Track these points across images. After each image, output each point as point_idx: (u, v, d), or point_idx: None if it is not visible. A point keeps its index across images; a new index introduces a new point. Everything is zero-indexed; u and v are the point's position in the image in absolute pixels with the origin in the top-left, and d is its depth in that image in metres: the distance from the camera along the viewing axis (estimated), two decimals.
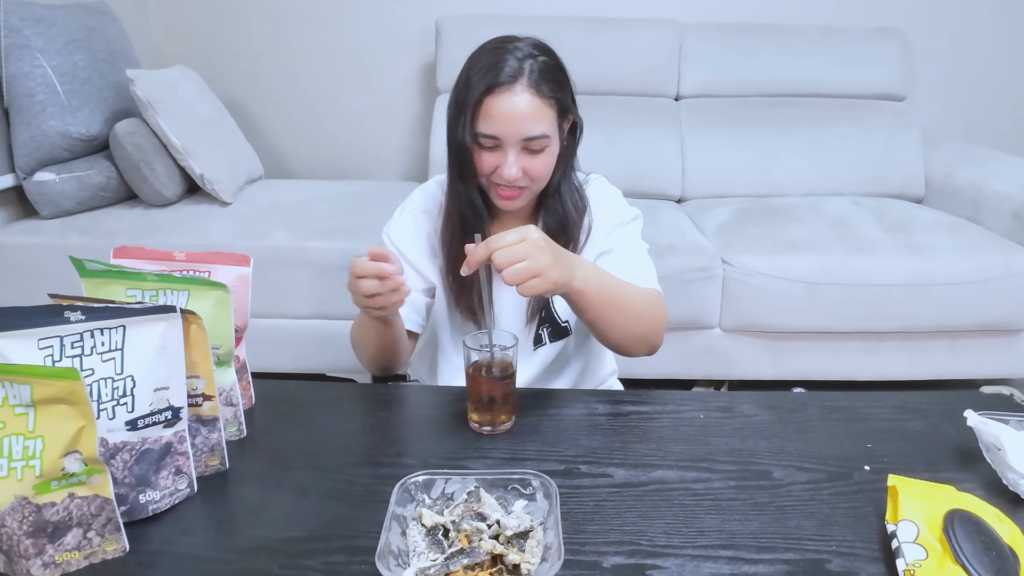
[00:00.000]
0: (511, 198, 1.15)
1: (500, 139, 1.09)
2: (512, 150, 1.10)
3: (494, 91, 1.07)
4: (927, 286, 2.14)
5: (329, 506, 0.85)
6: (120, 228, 2.21)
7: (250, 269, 1.00)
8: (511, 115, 1.08)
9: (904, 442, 1.00)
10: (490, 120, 1.08)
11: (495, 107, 1.07)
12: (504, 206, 1.17)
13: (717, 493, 0.88)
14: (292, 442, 0.99)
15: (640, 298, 1.13)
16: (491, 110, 1.08)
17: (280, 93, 3.06)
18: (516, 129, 1.09)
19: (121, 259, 0.96)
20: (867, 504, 0.85)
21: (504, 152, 1.10)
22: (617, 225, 1.25)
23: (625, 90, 2.81)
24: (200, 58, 2.93)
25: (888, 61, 2.85)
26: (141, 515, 0.82)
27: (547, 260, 0.93)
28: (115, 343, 0.78)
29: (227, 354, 0.94)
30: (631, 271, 1.18)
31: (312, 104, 3.07)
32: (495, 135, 1.09)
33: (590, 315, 1.07)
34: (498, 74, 1.07)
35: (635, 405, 1.09)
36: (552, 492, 0.79)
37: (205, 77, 2.71)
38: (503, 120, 1.08)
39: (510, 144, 1.10)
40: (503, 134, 1.09)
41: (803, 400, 1.13)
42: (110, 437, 0.79)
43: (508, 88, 1.07)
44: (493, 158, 1.11)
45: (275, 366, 2.23)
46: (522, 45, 1.11)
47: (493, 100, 1.07)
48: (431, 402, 1.13)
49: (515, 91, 1.08)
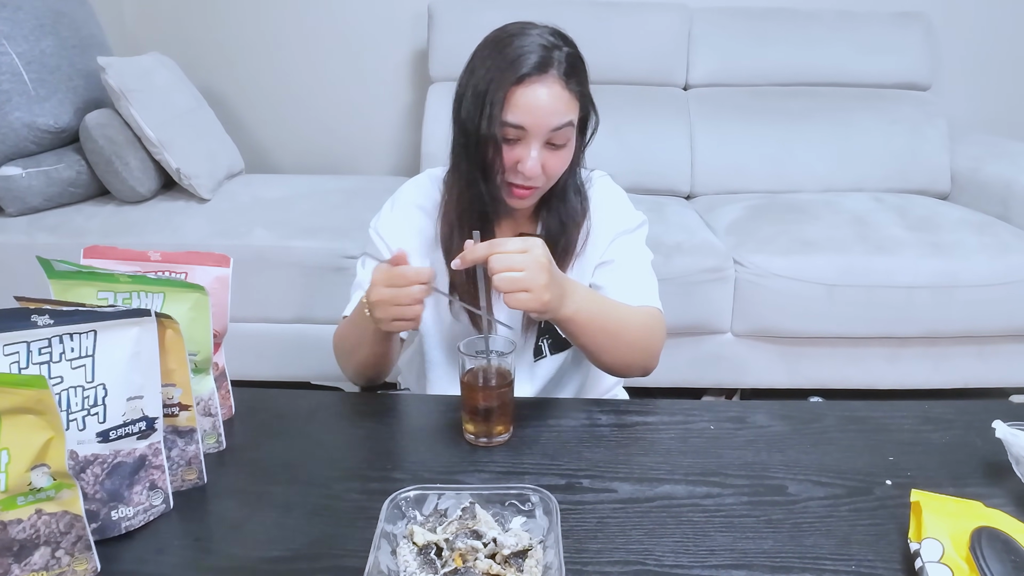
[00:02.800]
0: (525, 196, 1.16)
1: (526, 130, 1.09)
2: (536, 143, 1.11)
3: (525, 80, 1.07)
4: (953, 288, 2.15)
5: (314, 523, 0.85)
6: (91, 226, 2.21)
7: (230, 270, 1.00)
8: (541, 106, 1.08)
9: (928, 455, 1.00)
10: (519, 110, 1.08)
11: (525, 97, 1.08)
12: (516, 204, 1.18)
13: (729, 509, 0.88)
14: (275, 455, 0.99)
15: (636, 322, 1.15)
16: (520, 100, 1.08)
17: (262, 82, 3.06)
18: (545, 120, 1.09)
19: (92, 259, 0.96)
20: (889, 521, 0.85)
21: (527, 145, 1.11)
22: (620, 233, 1.26)
23: (630, 79, 2.81)
24: (177, 44, 2.93)
25: (911, 48, 2.86)
26: (113, 533, 0.82)
27: (543, 280, 0.96)
28: (85, 349, 0.78)
29: (205, 361, 0.94)
30: (631, 286, 1.21)
31: (296, 94, 3.07)
32: (522, 125, 1.09)
33: (580, 341, 1.11)
34: (529, 63, 1.07)
35: (641, 415, 1.09)
36: (552, 508, 0.79)
37: (182, 65, 2.71)
38: (533, 110, 1.08)
39: (535, 137, 1.10)
40: (531, 125, 1.09)
41: (820, 410, 1.13)
42: (80, 449, 0.79)
43: (539, 78, 1.08)
44: (514, 152, 1.11)
45: (256, 374, 2.23)
46: (546, 34, 1.12)
47: (523, 90, 1.08)
48: (423, 412, 1.13)
49: (546, 82, 1.08)
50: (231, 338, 1.04)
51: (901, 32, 2.85)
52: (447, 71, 2.80)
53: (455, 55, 2.84)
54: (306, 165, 3.11)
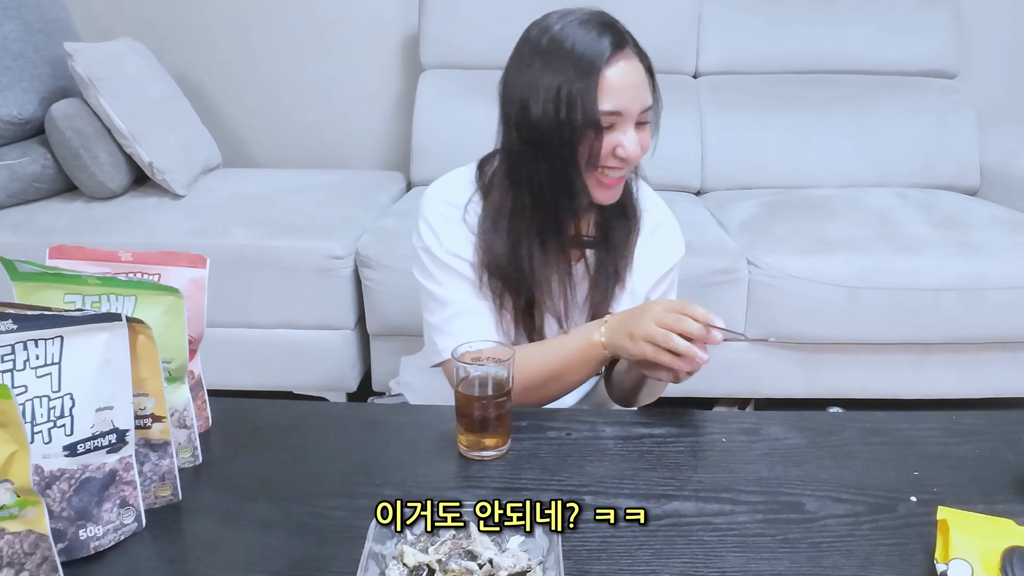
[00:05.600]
0: (616, 185, 1.17)
1: (622, 114, 1.11)
2: (631, 123, 1.12)
3: (611, 61, 1.09)
4: (983, 290, 2.15)
5: (297, 543, 0.85)
6: (57, 224, 2.21)
7: (206, 271, 1.00)
8: (633, 84, 1.11)
9: (956, 469, 1.00)
10: (612, 93, 1.09)
11: (616, 77, 1.09)
12: (606, 199, 1.19)
13: (742, 528, 0.88)
14: (254, 469, 0.99)
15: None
16: (612, 82, 1.09)
17: (241, 69, 3.06)
18: (638, 98, 1.12)
19: (58, 260, 0.96)
20: (914, 540, 0.86)
21: (622, 129, 1.12)
22: (673, 271, 1.34)
23: None
24: (149, 29, 2.93)
25: (938, 32, 2.86)
26: (81, 553, 0.82)
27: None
28: (51, 356, 0.78)
29: (180, 369, 0.94)
30: None
31: (278, 82, 3.07)
32: (618, 110, 1.10)
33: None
34: (606, 43, 1.09)
35: (648, 427, 1.09)
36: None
37: (155, 51, 2.71)
38: (627, 90, 1.10)
39: (629, 118, 1.12)
40: (626, 107, 1.11)
41: (840, 421, 1.13)
42: (46, 464, 0.79)
43: (621, 55, 1.10)
44: (611, 138, 1.12)
45: (235, 383, 2.22)
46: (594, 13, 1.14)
47: (611, 71, 1.09)
48: (415, 423, 1.13)
49: (628, 57, 1.11)
50: (208, 344, 1.04)
51: (927, 15, 2.85)
52: (439, 57, 2.80)
53: (448, 40, 2.86)
54: (288, 159, 3.11)
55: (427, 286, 1.25)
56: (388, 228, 2.26)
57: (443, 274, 1.23)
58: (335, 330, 2.24)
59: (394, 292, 2.13)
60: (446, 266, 1.22)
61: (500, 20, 2.70)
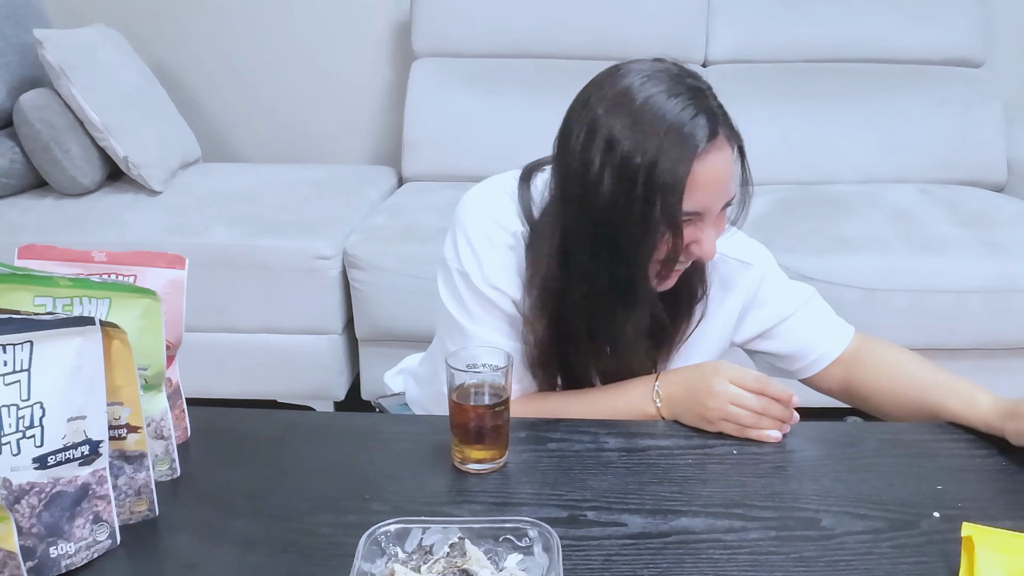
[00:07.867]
0: (677, 276, 1.11)
1: (703, 214, 1.03)
2: (710, 222, 1.05)
3: (704, 153, 0.98)
4: (1010, 293, 2.15)
5: (281, 561, 0.85)
6: (26, 222, 2.21)
7: (185, 272, 1.00)
8: (722, 179, 1.02)
9: (982, 483, 1.00)
10: (698, 191, 1.00)
11: (706, 174, 0.99)
12: (664, 287, 1.11)
13: (754, 545, 0.88)
14: (236, 483, 0.99)
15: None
16: (700, 179, 0.99)
17: (221, 58, 3.06)
18: (724, 195, 1.04)
19: (28, 260, 0.96)
20: (937, 559, 0.86)
21: (700, 226, 1.04)
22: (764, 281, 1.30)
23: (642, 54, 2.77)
24: (124, 15, 2.92)
25: (962, 18, 2.86)
26: (52, 572, 0.81)
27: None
28: (20, 363, 0.78)
29: (157, 376, 0.94)
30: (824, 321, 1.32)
31: (260, 72, 3.07)
32: (699, 211, 1.02)
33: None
34: (701, 131, 0.99)
35: (654, 438, 1.09)
36: (553, 544, 0.79)
37: (129, 38, 2.71)
38: (715, 187, 1.02)
39: (711, 215, 1.04)
40: (710, 206, 1.03)
41: (858, 432, 1.13)
42: (14, 477, 0.79)
43: (716, 143, 1.00)
44: (686, 235, 1.03)
45: (216, 391, 2.22)
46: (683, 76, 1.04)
47: (700, 167, 0.98)
48: (407, 434, 1.13)
49: (720, 145, 1.01)
50: (187, 350, 1.04)
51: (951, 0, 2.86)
52: (433, 44, 2.80)
53: (443, 26, 2.86)
54: (272, 153, 3.10)
55: (455, 315, 1.17)
56: (378, 226, 2.25)
57: (478, 307, 1.15)
58: (322, 335, 2.24)
59: (384, 294, 2.13)
60: (484, 298, 1.14)
61: (499, 3, 2.71)
